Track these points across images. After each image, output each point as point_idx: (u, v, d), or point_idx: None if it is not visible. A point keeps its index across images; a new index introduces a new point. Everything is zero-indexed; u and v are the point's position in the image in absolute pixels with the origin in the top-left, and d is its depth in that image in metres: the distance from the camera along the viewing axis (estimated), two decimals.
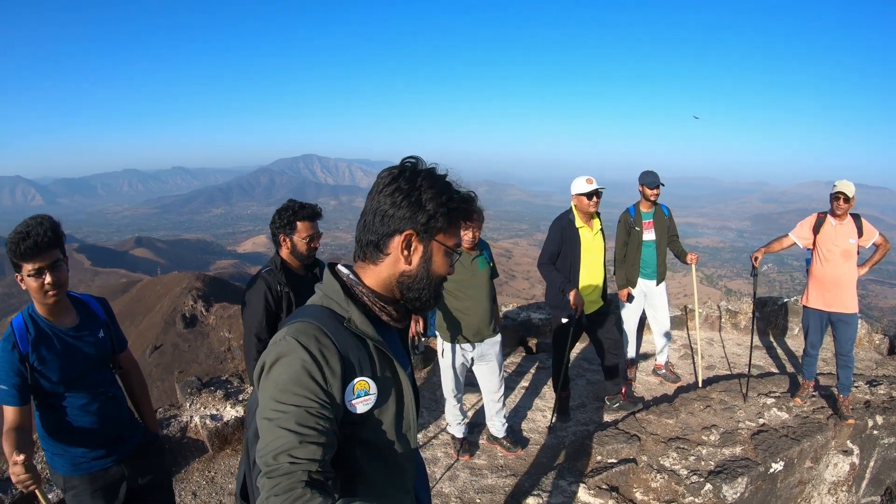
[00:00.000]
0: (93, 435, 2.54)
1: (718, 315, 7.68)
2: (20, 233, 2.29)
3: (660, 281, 5.71)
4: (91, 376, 2.55)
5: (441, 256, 1.46)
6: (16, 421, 2.31)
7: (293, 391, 1.26)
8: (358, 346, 1.39)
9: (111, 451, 2.61)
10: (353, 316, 1.41)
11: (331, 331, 1.35)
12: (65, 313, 2.52)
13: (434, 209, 1.39)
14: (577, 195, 4.65)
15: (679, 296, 49.09)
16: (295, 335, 1.32)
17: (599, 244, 4.85)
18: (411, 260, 1.44)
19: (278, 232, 3.27)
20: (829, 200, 4.62)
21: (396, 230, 1.40)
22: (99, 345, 2.59)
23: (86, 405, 2.52)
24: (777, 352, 6.88)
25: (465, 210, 1.47)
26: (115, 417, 2.64)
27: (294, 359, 1.29)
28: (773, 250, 4.99)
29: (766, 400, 4.92)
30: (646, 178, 5.43)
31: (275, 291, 3.19)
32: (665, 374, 6.11)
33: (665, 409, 4.83)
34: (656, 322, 5.92)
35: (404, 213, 1.39)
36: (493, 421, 4.62)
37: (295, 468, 1.19)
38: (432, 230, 1.42)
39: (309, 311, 1.43)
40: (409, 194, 1.38)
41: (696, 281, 5.94)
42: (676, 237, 5.76)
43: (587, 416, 5.28)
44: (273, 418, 1.25)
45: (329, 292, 1.46)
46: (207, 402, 4.86)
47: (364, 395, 1.38)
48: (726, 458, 4.06)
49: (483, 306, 4.19)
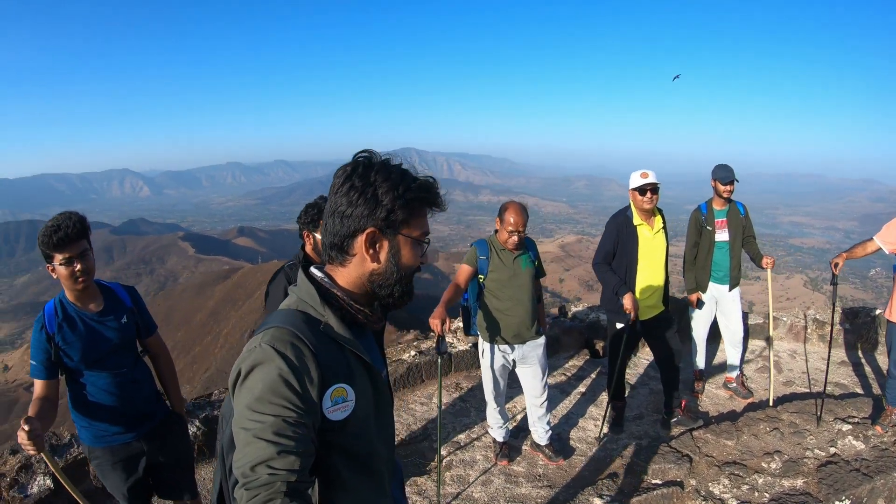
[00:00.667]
0: (113, 412, 2.75)
1: (804, 325, 7.05)
2: (52, 226, 2.51)
3: (733, 286, 5.30)
4: (113, 358, 2.75)
5: (409, 249, 1.44)
6: (42, 392, 2.59)
7: (270, 400, 1.23)
8: (334, 351, 1.37)
9: (131, 427, 2.82)
10: (329, 320, 1.39)
11: (307, 337, 1.32)
12: (91, 299, 2.74)
13: (391, 203, 1.36)
14: (631, 190, 4.34)
15: (782, 299, 46.39)
16: (271, 342, 1.29)
17: (661, 244, 4.52)
18: (378, 258, 1.42)
19: (303, 228, 3.28)
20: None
21: (358, 229, 1.38)
22: (122, 329, 2.79)
23: (107, 384, 2.73)
24: (865, 370, 6.22)
25: (426, 198, 1.43)
26: (135, 398, 2.83)
27: (271, 367, 1.26)
28: (855, 255, 4.51)
29: (843, 426, 4.45)
30: (719, 172, 5.02)
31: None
32: (736, 388, 5.67)
33: (726, 428, 4.47)
34: (728, 331, 5.51)
35: (362, 211, 1.36)
36: (535, 427, 4.45)
37: (273, 479, 1.17)
38: (395, 224, 1.39)
39: (284, 315, 1.39)
40: (363, 191, 1.36)
41: (771, 287, 5.47)
42: (753, 238, 5.31)
43: (642, 430, 4.99)
44: (250, 428, 1.22)
45: (304, 296, 1.43)
46: None
47: (342, 401, 1.36)
48: (785, 491, 3.70)
49: (524, 307, 4.01)
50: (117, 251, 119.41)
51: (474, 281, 4.11)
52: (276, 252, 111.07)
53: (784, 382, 5.99)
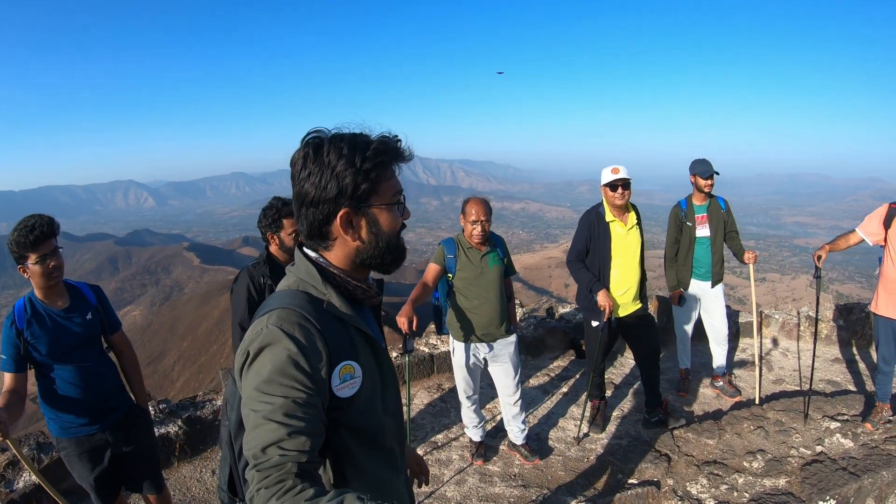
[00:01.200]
0: (79, 404, 2.87)
1: (797, 322, 6.85)
2: (26, 227, 2.66)
3: (716, 282, 5.12)
4: (78, 352, 2.87)
5: (385, 216, 1.40)
6: (11, 385, 2.73)
7: (279, 381, 1.22)
8: (339, 328, 1.36)
9: (96, 419, 2.93)
10: (331, 298, 1.38)
11: (313, 316, 1.31)
12: (58, 297, 2.88)
13: (352, 179, 1.32)
14: (603, 186, 4.19)
15: (787, 300, 46.35)
16: (278, 323, 1.28)
17: (635, 240, 4.36)
18: (359, 235, 1.40)
19: (265, 230, 3.33)
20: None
21: (330, 214, 1.36)
22: (86, 325, 2.92)
23: (73, 377, 2.85)
24: (859, 367, 6.02)
25: (385, 160, 1.37)
26: (99, 390, 2.94)
27: (279, 348, 1.25)
28: (839, 248, 4.35)
29: (831, 424, 4.27)
30: (698, 167, 4.85)
31: (257, 283, 3.25)
32: (722, 386, 5.49)
33: (708, 427, 4.31)
34: (712, 328, 5.33)
35: (327, 195, 1.33)
36: (510, 426, 4.31)
37: (284, 460, 1.16)
38: (364, 198, 1.36)
39: (287, 295, 1.38)
40: (322, 174, 1.32)
41: (753, 283, 5.29)
42: (735, 233, 5.13)
43: (624, 429, 4.81)
44: (259, 410, 1.21)
45: (303, 275, 1.41)
46: None
47: (350, 378, 1.35)
48: (765, 491, 3.52)
49: (492, 305, 3.88)
50: (122, 262, 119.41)
51: (444, 279, 4.01)
52: None
53: (774, 381, 5.80)
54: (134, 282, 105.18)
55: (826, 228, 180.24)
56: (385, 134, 1.39)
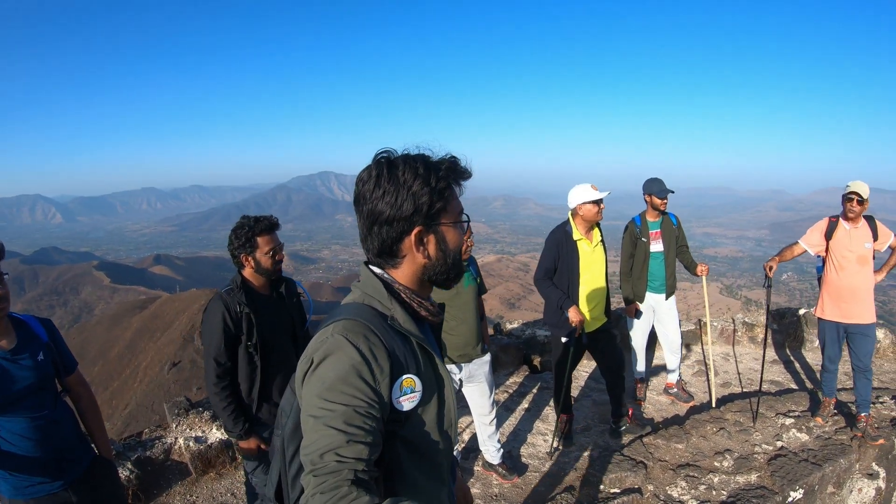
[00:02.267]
0: (33, 460, 2.42)
1: (734, 328, 7.26)
2: None
3: (669, 294, 5.37)
4: (29, 400, 2.41)
5: (452, 233, 1.45)
6: None
7: (341, 389, 1.24)
8: (402, 343, 1.38)
9: (57, 475, 2.50)
10: (395, 314, 1.40)
11: (378, 329, 1.33)
12: (2, 335, 2.39)
13: (428, 197, 1.36)
14: (583, 204, 4.32)
15: (698, 307, 48.47)
16: (343, 332, 1.30)
17: (600, 257, 4.53)
18: (428, 253, 1.43)
19: (238, 253, 3.03)
20: (842, 202, 4.28)
21: (403, 232, 1.39)
22: (38, 368, 2.45)
23: (24, 430, 2.39)
24: (795, 366, 6.45)
25: (454, 176, 1.43)
26: (57, 442, 2.51)
27: (342, 356, 1.27)
28: (785, 258, 4.66)
29: (785, 420, 4.54)
30: (653, 186, 5.09)
31: (234, 312, 2.96)
32: (677, 393, 5.73)
33: (675, 432, 4.47)
34: (666, 338, 5.56)
35: (403, 214, 1.36)
36: (486, 446, 4.31)
37: (341, 467, 1.17)
38: (435, 216, 1.40)
39: (352, 308, 1.40)
40: (398, 193, 1.35)
41: (706, 293, 5.58)
42: (686, 247, 5.42)
43: (591, 441, 4.92)
44: (320, 416, 1.22)
45: (370, 290, 1.44)
46: (194, 423, 4.62)
47: (410, 392, 1.36)
48: (740, 487, 3.70)
49: (468, 326, 3.90)
50: (28, 282, 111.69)
51: None
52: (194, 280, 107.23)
53: (721, 384, 6.10)
54: (41, 303, 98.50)
55: (733, 238, 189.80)
56: (452, 155, 1.44)
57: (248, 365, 3.02)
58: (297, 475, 1.36)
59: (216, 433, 4.54)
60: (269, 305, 3.12)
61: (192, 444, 4.41)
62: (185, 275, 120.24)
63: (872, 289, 4.32)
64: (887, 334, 6.53)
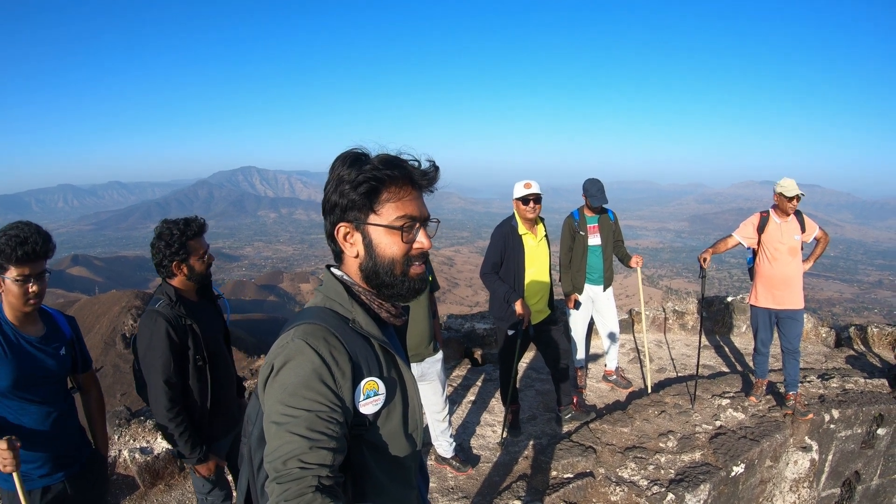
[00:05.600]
0: (43, 451, 2.45)
1: (665, 317, 7.58)
2: (16, 237, 2.24)
3: (606, 286, 5.53)
4: (46, 388, 2.45)
5: (384, 237, 1.38)
6: None
7: (303, 395, 1.22)
8: (364, 346, 1.37)
9: (57, 468, 2.50)
10: (357, 316, 1.39)
11: (339, 332, 1.32)
12: (33, 323, 2.46)
13: (348, 193, 1.35)
14: (515, 200, 4.42)
15: (621, 297, 50.05)
16: (303, 337, 1.28)
17: (544, 251, 4.62)
18: (356, 251, 1.41)
19: (169, 261, 2.78)
20: (779, 200, 4.50)
21: (333, 224, 1.40)
22: (60, 360, 2.51)
23: (37, 422, 2.43)
24: (725, 351, 6.80)
25: (387, 176, 1.36)
26: (65, 436, 2.54)
27: (303, 361, 1.25)
28: (719, 251, 4.90)
29: (721, 401, 4.77)
30: (591, 188, 5.23)
31: (178, 326, 2.73)
32: (616, 379, 5.93)
33: (619, 417, 4.62)
34: (604, 327, 5.73)
35: (332, 206, 1.38)
36: (439, 441, 4.32)
37: (305, 473, 1.16)
38: (358, 214, 1.37)
39: (314, 312, 1.38)
40: (327, 184, 1.39)
41: (640, 283, 5.80)
42: (622, 241, 5.61)
43: (539, 429, 5.02)
44: (282, 423, 1.21)
45: (331, 294, 1.43)
46: (137, 433, 4.39)
47: (373, 395, 1.35)
48: (686, 465, 3.86)
49: (421, 325, 3.89)
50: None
51: None
52: (114, 281, 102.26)
53: (657, 370, 6.34)
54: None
55: (654, 230, 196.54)
56: (391, 154, 1.39)
57: (199, 381, 2.83)
58: (265, 483, 1.30)
59: (162, 442, 4.32)
60: (204, 313, 2.94)
61: (137, 456, 4.20)
62: (105, 276, 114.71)
63: (801, 277, 4.60)
64: (809, 318, 6.94)
